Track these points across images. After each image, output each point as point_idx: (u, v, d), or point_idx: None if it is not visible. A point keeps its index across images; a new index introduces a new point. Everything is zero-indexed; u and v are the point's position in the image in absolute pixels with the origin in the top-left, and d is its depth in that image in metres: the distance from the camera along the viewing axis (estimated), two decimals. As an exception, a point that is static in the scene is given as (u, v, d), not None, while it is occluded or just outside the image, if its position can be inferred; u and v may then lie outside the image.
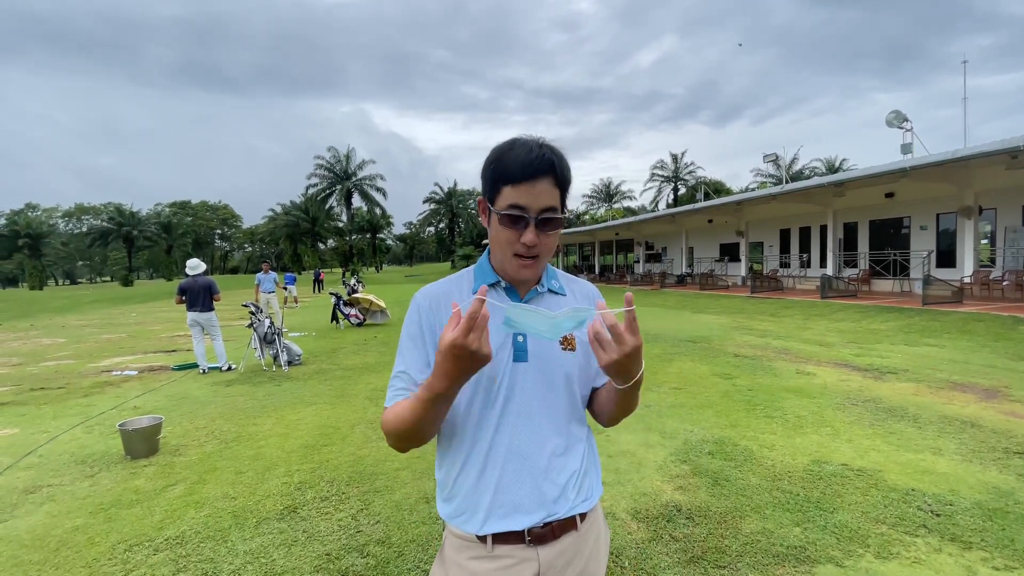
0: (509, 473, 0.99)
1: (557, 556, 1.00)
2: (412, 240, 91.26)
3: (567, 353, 1.03)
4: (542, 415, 1.01)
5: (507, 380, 0.99)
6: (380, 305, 12.79)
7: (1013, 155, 11.67)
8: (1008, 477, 3.15)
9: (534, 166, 0.95)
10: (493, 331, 0.97)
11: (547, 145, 0.99)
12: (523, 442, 0.99)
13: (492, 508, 0.99)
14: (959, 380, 5.70)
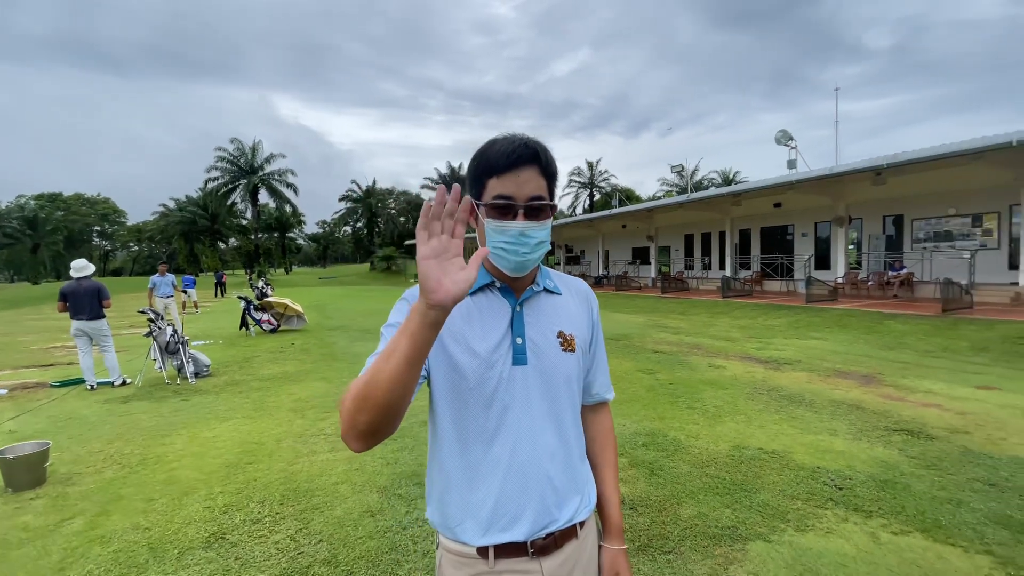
0: (511, 483, 0.94)
1: (559, 566, 0.98)
2: (326, 240, 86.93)
3: (567, 354, 1.00)
4: (544, 421, 0.97)
5: (506, 385, 0.94)
6: (296, 310, 12.07)
7: (877, 172, 13.53)
8: (892, 452, 3.67)
9: (517, 154, 0.94)
10: (490, 330, 0.96)
11: (529, 137, 0.98)
12: (524, 450, 0.95)
13: (493, 519, 0.94)
14: (842, 368, 6.51)
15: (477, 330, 0.95)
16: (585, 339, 1.06)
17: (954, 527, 2.66)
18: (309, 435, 4.51)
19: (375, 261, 56.95)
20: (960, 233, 15.17)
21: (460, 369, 0.93)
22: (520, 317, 0.98)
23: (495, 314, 0.98)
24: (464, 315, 0.97)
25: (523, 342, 0.96)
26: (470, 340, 0.94)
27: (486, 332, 0.95)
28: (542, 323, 1.00)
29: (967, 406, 4.76)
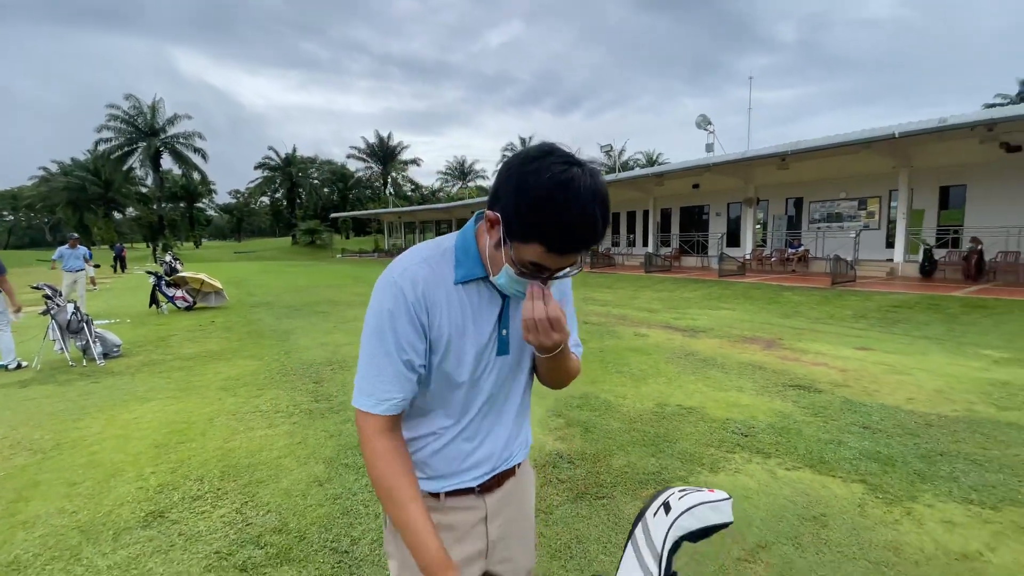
0: (477, 448, 1.03)
1: (499, 500, 1.08)
2: (240, 211, 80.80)
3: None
4: (511, 395, 1.07)
5: (489, 372, 1.00)
6: (215, 286, 11.33)
7: (781, 158, 14.79)
8: (787, 404, 4.23)
9: (584, 244, 0.84)
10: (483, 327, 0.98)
11: (604, 204, 0.83)
12: (492, 421, 1.05)
13: (454, 475, 1.03)
14: (748, 334, 7.26)
15: (472, 328, 0.96)
16: None
17: (835, 462, 3.17)
18: (243, 412, 4.39)
19: (297, 235, 53.98)
20: (848, 215, 17.05)
21: (459, 368, 0.97)
22: (507, 310, 1.00)
23: (488, 307, 0.98)
24: (464, 310, 0.96)
25: (507, 333, 1.00)
26: (466, 342, 0.96)
27: (480, 329, 0.97)
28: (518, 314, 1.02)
29: (848, 364, 5.53)
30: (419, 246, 1.00)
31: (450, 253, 0.96)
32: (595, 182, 0.82)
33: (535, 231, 0.81)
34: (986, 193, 13.99)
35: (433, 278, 0.93)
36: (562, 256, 0.84)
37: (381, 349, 0.92)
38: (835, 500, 2.75)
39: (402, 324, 0.91)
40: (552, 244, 0.82)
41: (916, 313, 8.75)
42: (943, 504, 2.71)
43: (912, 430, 3.66)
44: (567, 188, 0.79)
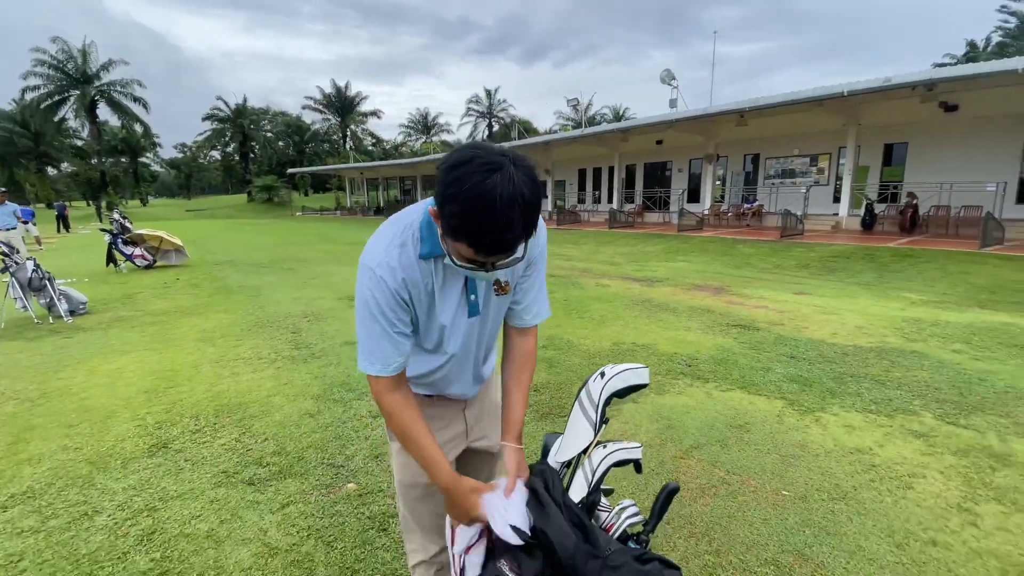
0: (454, 382, 1.28)
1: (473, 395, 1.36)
2: (189, 167, 76.39)
3: (501, 297, 1.20)
4: (480, 346, 1.26)
5: (459, 331, 1.17)
6: (175, 243, 11.08)
7: (741, 115, 15.20)
8: (728, 340, 4.76)
9: (498, 249, 0.91)
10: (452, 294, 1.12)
11: (525, 208, 0.88)
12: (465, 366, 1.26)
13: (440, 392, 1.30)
14: (700, 283, 7.82)
15: (439, 295, 1.11)
16: (514, 281, 1.21)
17: (763, 384, 3.70)
18: (227, 360, 4.59)
19: (253, 192, 51.75)
20: (801, 171, 17.82)
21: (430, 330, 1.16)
22: (471, 281, 1.13)
23: (455, 276, 1.11)
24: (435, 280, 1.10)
25: (475, 298, 1.14)
26: (436, 309, 1.12)
27: (448, 296, 1.12)
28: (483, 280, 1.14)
29: (785, 307, 6.14)
30: (385, 227, 1.10)
31: (415, 230, 1.06)
32: (514, 188, 0.86)
33: (460, 233, 0.90)
34: (924, 151, 14.89)
35: (405, 259, 1.05)
36: (488, 255, 0.92)
37: (377, 329, 1.07)
38: (758, 412, 3.26)
39: (389, 307, 1.06)
40: (476, 245, 0.90)
41: (852, 262, 9.53)
42: (846, 413, 3.26)
43: (831, 358, 4.24)
44: (483, 198, 0.85)
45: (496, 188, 0.85)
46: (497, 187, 0.85)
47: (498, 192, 0.85)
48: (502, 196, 0.85)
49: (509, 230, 0.88)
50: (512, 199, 0.86)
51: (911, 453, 2.76)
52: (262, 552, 2.12)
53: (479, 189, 0.85)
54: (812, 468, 2.63)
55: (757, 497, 2.39)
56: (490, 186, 0.85)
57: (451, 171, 0.88)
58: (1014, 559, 1.97)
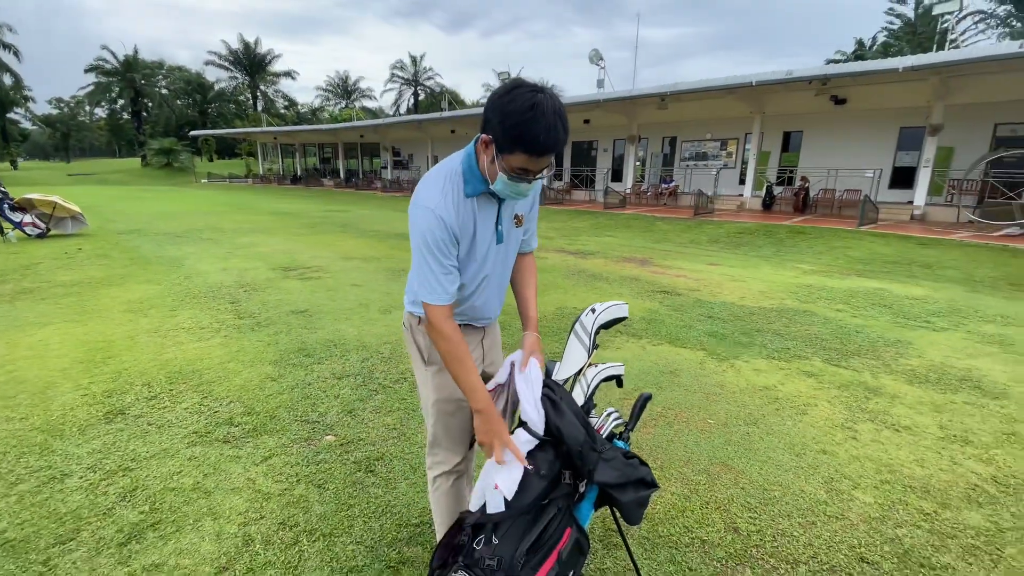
0: (483, 306, 1.52)
1: (487, 330, 1.65)
2: (67, 125, 66.97)
3: (518, 228, 1.49)
4: (503, 271, 1.52)
5: (491, 256, 1.42)
6: (71, 210, 9.98)
7: (661, 98, 16.08)
8: (655, 304, 5.31)
9: (552, 148, 1.16)
10: (488, 226, 1.36)
11: (563, 119, 1.15)
12: (492, 289, 1.51)
13: (472, 320, 1.55)
14: (627, 255, 8.44)
15: (480, 227, 1.36)
16: (525, 214, 1.51)
17: (686, 339, 4.24)
18: (165, 330, 4.42)
19: (149, 155, 46.57)
20: (713, 154, 19.24)
21: (473, 255, 1.39)
22: (501, 211, 1.40)
23: (489, 211, 1.38)
24: (475, 215, 1.34)
25: (501, 228, 1.41)
26: (478, 239, 1.37)
27: (485, 227, 1.37)
28: (508, 212, 1.43)
29: (701, 275, 6.87)
30: (432, 173, 1.34)
31: (458, 174, 1.31)
32: (555, 103, 1.14)
33: (518, 143, 1.15)
34: (817, 138, 16.68)
35: (456, 200, 1.29)
36: (540, 158, 1.18)
37: (437, 263, 1.29)
38: (684, 361, 3.78)
39: (447, 243, 1.29)
40: (531, 150, 1.15)
41: (755, 238, 10.67)
42: (755, 360, 3.86)
43: (740, 317, 4.91)
44: (535, 109, 1.12)
45: (544, 102, 1.14)
46: (545, 102, 1.14)
47: (547, 105, 1.14)
48: (549, 108, 1.14)
49: (556, 132, 1.15)
50: (556, 111, 1.15)
51: (805, 388, 3.38)
52: (255, 497, 2.25)
53: (532, 101, 1.13)
54: (730, 402, 3.15)
55: (689, 426, 2.86)
56: (540, 100, 1.14)
57: (506, 94, 1.16)
58: (884, 461, 2.57)
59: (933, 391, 3.37)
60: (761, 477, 2.40)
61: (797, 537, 2.02)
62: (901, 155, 15.04)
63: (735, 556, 1.92)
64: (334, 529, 2.05)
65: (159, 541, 1.98)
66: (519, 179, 1.23)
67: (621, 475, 1.37)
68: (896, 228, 11.68)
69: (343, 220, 14.27)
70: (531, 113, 1.12)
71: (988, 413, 3.07)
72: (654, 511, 2.15)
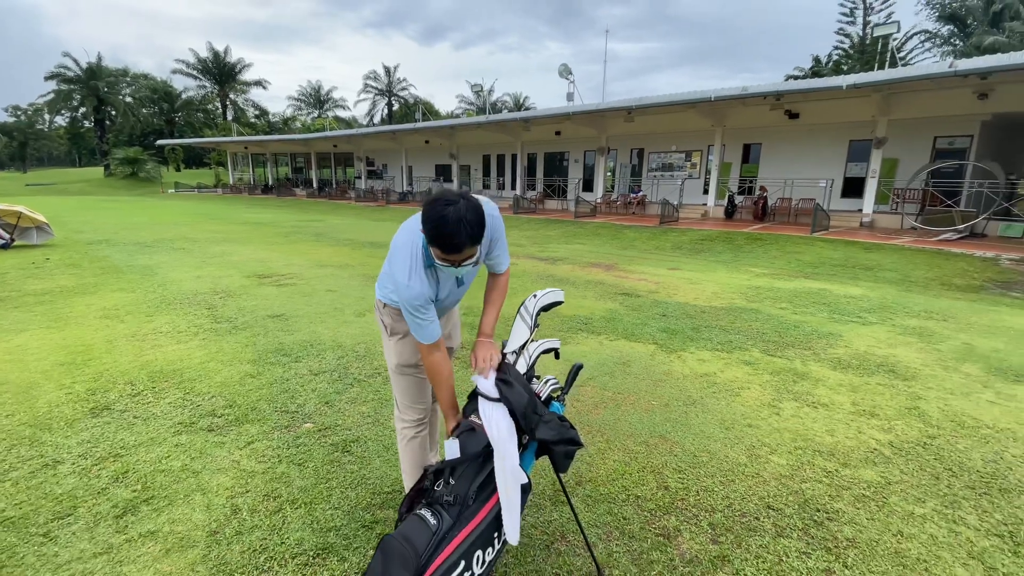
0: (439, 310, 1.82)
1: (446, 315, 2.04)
2: (24, 133, 64.61)
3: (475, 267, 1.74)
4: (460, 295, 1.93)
5: (451, 296, 1.83)
6: (37, 219, 9.86)
7: (628, 112, 16.73)
8: (616, 305, 5.68)
9: (455, 249, 1.47)
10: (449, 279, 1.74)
11: (469, 224, 1.44)
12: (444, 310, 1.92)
13: None
14: (594, 261, 8.85)
15: (443, 285, 1.75)
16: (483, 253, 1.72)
17: (641, 335, 4.61)
18: (143, 334, 4.56)
19: (112, 165, 45.35)
20: (678, 165, 20.01)
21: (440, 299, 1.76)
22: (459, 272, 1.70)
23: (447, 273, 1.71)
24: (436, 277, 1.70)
25: (461, 276, 1.79)
26: (440, 289, 1.74)
27: (445, 283, 1.75)
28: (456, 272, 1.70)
29: (661, 279, 7.30)
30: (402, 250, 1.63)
31: (419, 252, 1.63)
32: (460, 213, 1.43)
33: (433, 242, 1.50)
34: (774, 151, 17.58)
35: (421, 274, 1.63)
36: (448, 255, 1.51)
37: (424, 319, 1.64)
38: (637, 354, 4.14)
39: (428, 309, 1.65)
40: (441, 248, 1.49)
41: (715, 244, 11.25)
42: (700, 352, 4.24)
43: (692, 315, 5.31)
44: (442, 219, 1.44)
45: (451, 214, 1.44)
46: (451, 214, 1.44)
47: (452, 216, 1.44)
48: (454, 217, 1.44)
49: (458, 238, 1.45)
50: (460, 219, 1.44)
51: (741, 374, 3.77)
52: (240, 475, 2.47)
53: (442, 213, 1.45)
54: (673, 387, 3.51)
55: (635, 407, 3.20)
56: (448, 212, 1.44)
57: (430, 204, 1.49)
58: (799, 431, 2.95)
59: (853, 375, 3.79)
60: (693, 446, 2.74)
61: (717, 492, 2.36)
62: (851, 166, 15.99)
63: (663, 508, 2.24)
64: (314, 499, 2.29)
65: (153, 513, 2.19)
66: (446, 265, 1.55)
67: (556, 434, 1.68)
68: (846, 234, 12.45)
69: (317, 229, 14.36)
70: (440, 222, 1.44)
71: (896, 392, 3.50)
72: (597, 475, 2.47)
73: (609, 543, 2.04)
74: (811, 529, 2.13)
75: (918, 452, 2.73)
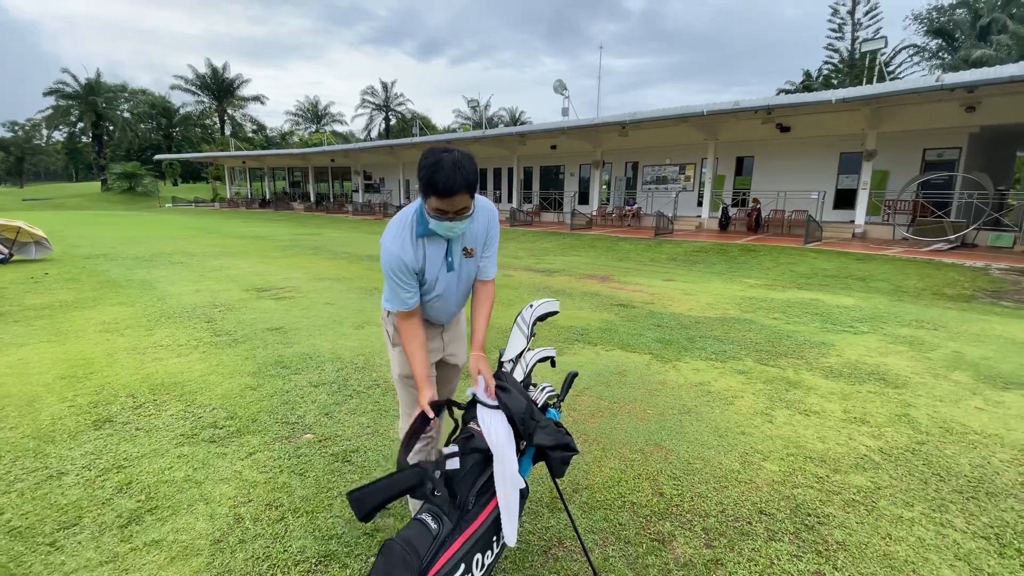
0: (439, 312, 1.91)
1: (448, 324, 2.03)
2: (21, 148, 64.76)
3: (469, 259, 1.82)
4: (456, 291, 1.87)
5: (442, 280, 1.78)
6: (36, 234, 9.91)
7: (622, 126, 16.96)
8: (611, 315, 5.76)
9: (451, 189, 1.50)
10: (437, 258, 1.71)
11: (462, 169, 1.49)
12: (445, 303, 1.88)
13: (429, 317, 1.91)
14: (590, 273, 8.94)
15: (430, 260, 1.73)
16: (480, 246, 1.84)
17: (637, 345, 4.67)
18: (144, 348, 4.60)
19: (110, 179, 45.44)
20: (672, 178, 20.24)
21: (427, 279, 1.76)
22: (449, 248, 1.75)
23: (438, 248, 1.74)
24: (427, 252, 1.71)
25: (451, 260, 1.77)
26: (427, 270, 1.74)
27: (434, 262, 1.74)
28: (458, 246, 1.77)
29: (656, 290, 7.38)
30: (397, 217, 1.72)
31: (413, 217, 1.69)
32: (455, 158, 1.51)
33: (428, 188, 1.54)
34: (766, 163, 17.82)
35: (410, 241, 1.68)
36: (445, 199, 1.53)
37: (395, 285, 1.69)
38: (632, 364, 4.20)
39: (401, 272, 1.69)
40: (435, 192, 1.52)
41: (710, 256, 11.37)
42: (695, 361, 4.31)
43: (686, 325, 5.39)
44: (436, 164, 1.51)
45: (445, 159, 1.52)
46: (446, 158, 1.52)
47: (446, 160, 1.52)
48: (448, 161, 1.52)
49: (453, 180, 1.51)
50: (454, 163, 1.52)
51: (735, 383, 3.83)
52: (243, 485, 2.51)
53: (436, 159, 1.53)
54: (668, 396, 3.57)
55: (631, 416, 3.25)
56: (442, 157, 1.53)
57: (424, 157, 1.56)
58: (791, 439, 3.01)
59: (844, 383, 3.86)
60: (687, 454, 2.80)
61: (711, 497, 2.41)
62: (842, 178, 16.22)
63: (658, 513, 2.29)
64: (315, 507, 2.33)
65: (157, 523, 2.23)
66: (440, 218, 1.59)
67: (553, 439, 1.74)
68: (838, 245, 12.60)
69: (314, 243, 14.43)
70: (436, 166, 1.51)
71: (886, 399, 3.57)
72: (593, 482, 2.52)
73: (605, 548, 2.08)
74: (802, 533, 2.18)
75: (907, 458, 2.79)
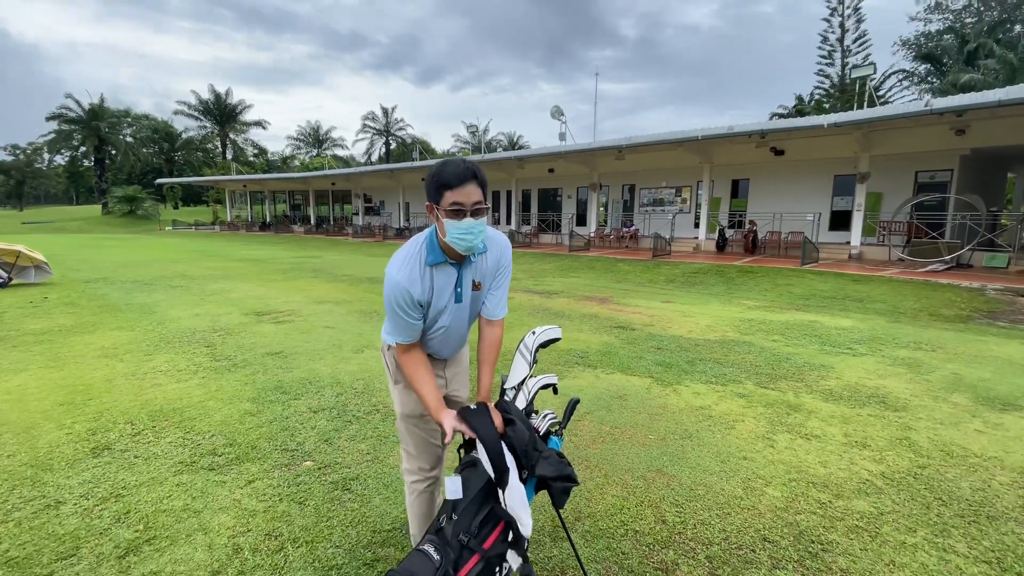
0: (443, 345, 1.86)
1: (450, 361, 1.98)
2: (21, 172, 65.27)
3: (476, 292, 1.78)
4: (461, 325, 1.83)
5: (448, 312, 1.74)
6: (35, 258, 9.94)
7: (619, 150, 17.23)
8: (611, 338, 5.77)
9: (463, 177, 1.52)
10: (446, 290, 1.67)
11: (470, 164, 1.54)
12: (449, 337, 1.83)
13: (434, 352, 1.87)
14: (588, 295, 8.97)
15: (439, 294, 1.69)
16: (488, 280, 1.80)
17: (637, 368, 4.68)
18: (143, 373, 4.59)
19: (111, 203, 45.75)
20: (668, 200, 20.47)
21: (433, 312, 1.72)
22: (460, 279, 1.71)
23: (447, 278, 1.70)
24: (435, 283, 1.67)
25: (460, 291, 1.73)
26: (436, 301, 1.70)
27: (442, 293, 1.69)
28: (467, 278, 1.74)
29: (654, 311, 7.41)
30: (404, 248, 1.68)
31: (423, 246, 1.65)
32: (463, 159, 1.59)
33: (441, 185, 1.54)
34: (761, 186, 18.07)
35: (418, 272, 1.63)
36: (459, 188, 1.52)
37: (398, 318, 1.64)
38: (633, 387, 4.20)
39: (407, 304, 1.64)
40: (449, 184, 1.53)
41: (708, 277, 11.43)
42: (695, 385, 4.31)
43: (686, 348, 5.40)
44: (446, 163, 1.58)
45: (454, 159, 1.60)
46: (456, 159, 1.61)
47: (456, 159, 1.60)
48: (458, 159, 1.59)
49: (463, 170, 1.54)
50: (463, 162, 1.58)
51: (736, 407, 3.83)
52: (242, 514, 2.49)
53: (445, 161, 1.59)
54: (669, 421, 3.56)
55: (632, 441, 3.24)
56: (452, 159, 1.61)
57: (435, 167, 1.61)
58: (793, 463, 3.00)
59: (844, 406, 3.86)
60: (690, 480, 2.79)
61: (714, 525, 2.40)
62: (837, 200, 16.43)
63: (661, 542, 2.28)
64: (315, 537, 2.31)
65: (155, 553, 2.20)
66: (457, 215, 1.53)
67: (555, 470, 1.74)
68: (835, 266, 12.69)
69: (315, 266, 14.48)
70: (442, 164, 1.57)
71: (887, 423, 3.57)
72: (595, 510, 2.50)
73: (609, 577, 2.06)
74: (806, 560, 2.16)
75: (909, 482, 2.79)
